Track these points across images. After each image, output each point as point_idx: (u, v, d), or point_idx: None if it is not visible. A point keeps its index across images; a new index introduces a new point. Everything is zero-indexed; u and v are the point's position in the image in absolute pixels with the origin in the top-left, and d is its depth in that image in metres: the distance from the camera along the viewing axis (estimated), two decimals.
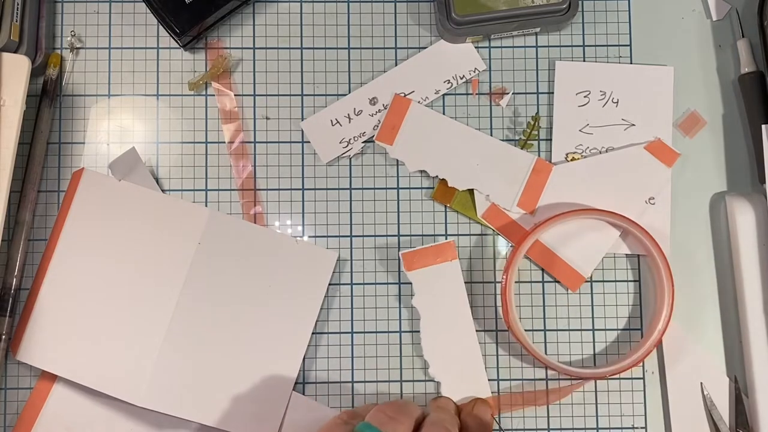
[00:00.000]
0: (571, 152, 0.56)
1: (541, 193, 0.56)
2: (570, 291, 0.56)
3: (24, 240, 0.55)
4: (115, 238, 0.55)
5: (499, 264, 0.56)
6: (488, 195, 0.56)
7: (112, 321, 0.54)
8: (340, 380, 0.55)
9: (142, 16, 0.57)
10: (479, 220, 0.56)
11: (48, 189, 0.56)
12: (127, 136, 0.57)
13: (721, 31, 0.59)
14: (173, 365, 0.54)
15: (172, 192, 0.56)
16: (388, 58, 0.58)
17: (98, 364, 0.53)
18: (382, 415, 0.47)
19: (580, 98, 0.57)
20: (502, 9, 0.54)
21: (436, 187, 0.56)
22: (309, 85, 0.57)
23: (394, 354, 0.56)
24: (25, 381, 0.55)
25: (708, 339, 0.56)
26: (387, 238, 0.57)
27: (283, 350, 0.54)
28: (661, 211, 0.57)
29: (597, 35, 0.58)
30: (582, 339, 0.56)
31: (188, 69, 0.57)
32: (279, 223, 0.56)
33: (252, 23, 0.58)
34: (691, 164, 0.57)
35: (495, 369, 0.56)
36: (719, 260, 0.57)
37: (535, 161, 0.56)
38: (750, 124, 0.57)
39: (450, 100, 0.57)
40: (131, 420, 0.54)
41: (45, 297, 0.54)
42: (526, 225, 0.56)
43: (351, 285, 0.56)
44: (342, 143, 0.57)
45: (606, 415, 0.56)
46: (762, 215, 0.55)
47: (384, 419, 0.47)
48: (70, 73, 0.57)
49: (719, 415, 0.55)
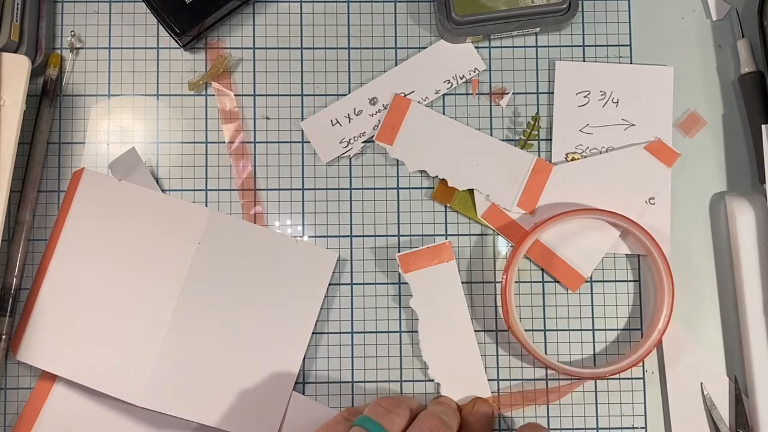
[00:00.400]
0: (571, 152, 0.56)
1: (541, 193, 0.56)
2: (570, 291, 0.56)
3: (24, 240, 0.55)
4: (115, 238, 0.55)
5: (499, 264, 0.56)
6: (488, 195, 0.56)
7: (112, 321, 0.54)
8: (340, 380, 0.55)
9: (142, 16, 0.57)
10: (479, 220, 0.56)
11: (48, 189, 0.56)
12: (127, 136, 0.57)
13: (721, 31, 0.59)
14: (173, 365, 0.54)
15: (172, 192, 0.56)
16: (388, 58, 0.58)
17: (98, 363, 0.53)
18: (380, 408, 0.48)
19: (580, 98, 0.57)
20: (502, 9, 0.54)
21: (436, 187, 0.56)
22: (309, 85, 0.57)
23: (394, 354, 0.56)
24: (25, 381, 0.55)
25: (708, 339, 0.56)
26: (387, 238, 0.57)
27: (283, 350, 0.54)
28: (661, 211, 0.57)
29: (597, 35, 0.58)
30: (582, 339, 0.56)
31: (188, 69, 0.57)
32: (279, 223, 0.56)
33: (252, 23, 0.58)
34: (691, 164, 0.57)
35: (495, 369, 0.56)
36: (719, 260, 0.57)
37: (535, 161, 0.56)
38: (750, 124, 0.57)
39: (450, 100, 0.57)
40: (131, 420, 0.54)
41: (45, 297, 0.54)
42: (526, 225, 0.56)
43: (351, 285, 0.56)
44: (342, 143, 0.57)
45: (606, 415, 0.56)
46: (762, 215, 0.55)
47: (381, 412, 0.48)
48: (70, 73, 0.57)
49: (719, 415, 0.55)
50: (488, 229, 0.56)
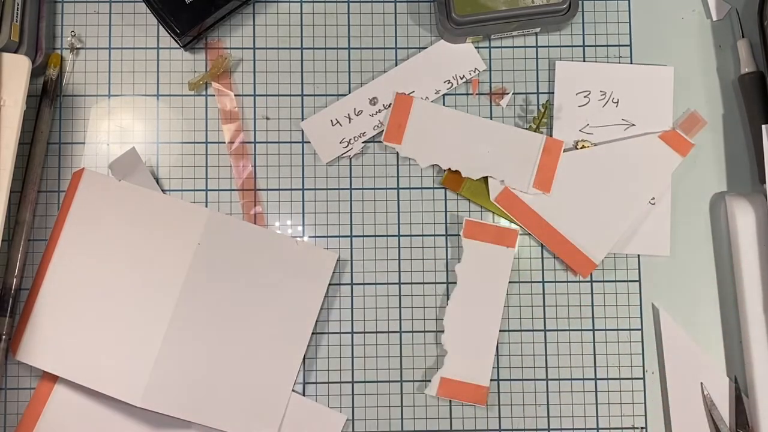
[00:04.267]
0: (582, 140, 0.57)
1: (555, 172, 0.56)
2: (581, 278, 0.56)
3: (24, 240, 0.54)
4: (114, 238, 0.55)
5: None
6: (503, 180, 0.56)
7: (111, 321, 0.54)
8: (340, 380, 0.55)
9: (142, 16, 0.57)
10: (490, 206, 0.56)
11: (48, 189, 0.56)
12: (127, 136, 0.57)
13: (721, 31, 0.59)
14: (173, 366, 0.53)
15: (172, 192, 0.56)
16: (388, 58, 0.58)
17: (97, 364, 0.53)
18: None
19: (580, 98, 0.57)
20: (502, 9, 0.54)
21: (446, 174, 0.56)
22: (309, 85, 0.57)
23: (394, 354, 0.56)
24: (25, 381, 0.55)
25: (708, 339, 0.56)
26: (387, 238, 0.57)
27: (282, 350, 0.54)
28: (662, 211, 0.57)
29: (597, 35, 0.58)
30: (582, 339, 0.56)
31: (188, 69, 0.57)
32: (279, 223, 0.56)
33: (252, 23, 0.58)
34: (691, 164, 0.57)
35: (496, 369, 0.56)
36: (719, 260, 0.57)
37: (545, 140, 0.56)
38: (750, 124, 0.57)
39: (450, 100, 0.57)
40: (131, 421, 0.54)
41: (45, 297, 0.54)
42: (539, 209, 0.56)
43: (351, 285, 0.56)
44: (342, 143, 0.57)
45: (606, 415, 0.56)
46: (762, 215, 0.55)
47: None
48: (70, 73, 0.57)
49: (719, 415, 0.55)
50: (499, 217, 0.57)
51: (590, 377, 0.56)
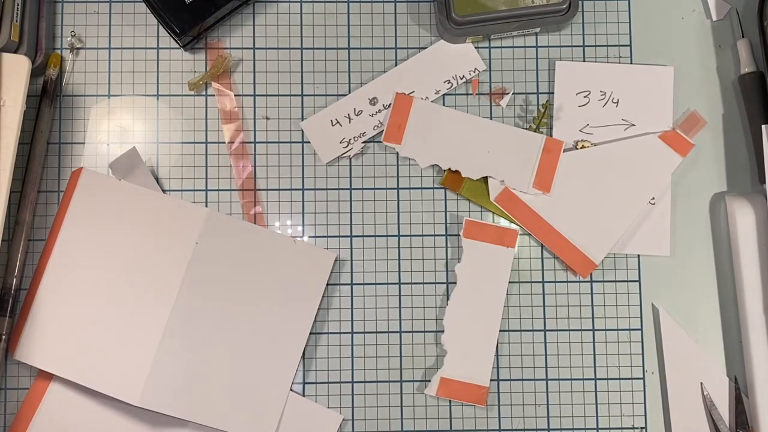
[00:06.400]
0: (582, 139, 0.57)
1: (555, 172, 0.56)
2: (581, 278, 0.56)
3: (24, 240, 0.55)
4: (112, 237, 0.55)
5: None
6: (503, 180, 0.56)
7: (109, 321, 0.54)
8: (340, 380, 0.55)
9: (142, 16, 0.57)
10: (490, 206, 0.56)
11: (48, 189, 0.56)
12: (127, 136, 0.57)
13: (721, 31, 0.59)
14: (171, 365, 0.53)
15: (172, 192, 0.56)
16: (388, 58, 0.58)
17: (96, 363, 0.53)
18: None
19: (580, 98, 0.57)
20: (502, 9, 0.54)
21: (445, 174, 0.56)
22: (309, 85, 0.57)
23: (393, 354, 0.56)
24: (24, 381, 0.55)
25: (708, 339, 0.56)
26: (387, 238, 0.57)
27: (281, 350, 0.54)
28: (662, 211, 0.57)
29: (597, 35, 0.58)
30: (582, 339, 0.56)
31: (188, 69, 0.57)
32: (279, 223, 0.56)
33: (252, 23, 0.58)
34: (691, 164, 0.57)
35: (496, 369, 0.56)
36: (719, 260, 0.57)
37: (545, 140, 0.56)
38: (750, 124, 0.57)
39: (450, 101, 0.57)
40: (128, 420, 0.54)
41: (43, 297, 0.54)
42: (539, 209, 0.56)
43: (351, 285, 0.56)
44: (342, 143, 0.57)
45: (606, 415, 0.56)
46: (762, 215, 0.55)
47: None
48: (70, 73, 0.57)
49: (719, 415, 0.55)
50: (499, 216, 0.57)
51: (590, 377, 0.56)
